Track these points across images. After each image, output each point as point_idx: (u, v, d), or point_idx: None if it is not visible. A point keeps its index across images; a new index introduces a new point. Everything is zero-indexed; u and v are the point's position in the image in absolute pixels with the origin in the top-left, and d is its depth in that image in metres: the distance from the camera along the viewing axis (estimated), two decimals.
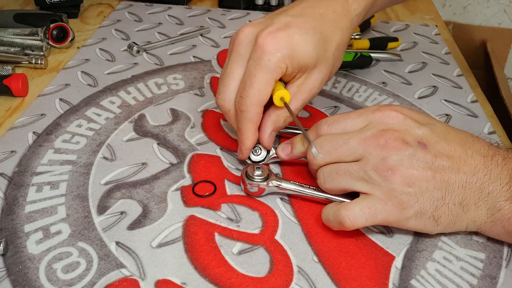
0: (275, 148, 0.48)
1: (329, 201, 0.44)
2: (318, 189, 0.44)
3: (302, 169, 0.50)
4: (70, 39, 0.70)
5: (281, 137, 0.54)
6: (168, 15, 0.82)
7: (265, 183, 0.45)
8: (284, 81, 0.46)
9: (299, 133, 0.52)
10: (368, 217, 0.40)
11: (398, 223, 0.40)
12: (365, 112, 0.43)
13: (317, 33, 0.44)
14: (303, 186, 0.45)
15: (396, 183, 0.39)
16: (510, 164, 0.40)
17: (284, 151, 0.47)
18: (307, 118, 0.58)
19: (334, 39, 0.46)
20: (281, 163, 0.50)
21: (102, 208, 0.44)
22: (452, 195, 0.39)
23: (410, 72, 0.68)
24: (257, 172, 0.45)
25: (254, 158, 0.48)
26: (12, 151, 0.50)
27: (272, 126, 0.46)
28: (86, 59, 0.68)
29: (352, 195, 0.42)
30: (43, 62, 0.65)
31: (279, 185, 0.45)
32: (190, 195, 0.46)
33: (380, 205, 0.40)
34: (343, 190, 0.42)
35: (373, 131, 0.41)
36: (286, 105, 0.44)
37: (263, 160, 0.48)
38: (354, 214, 0.40)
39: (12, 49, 0.67)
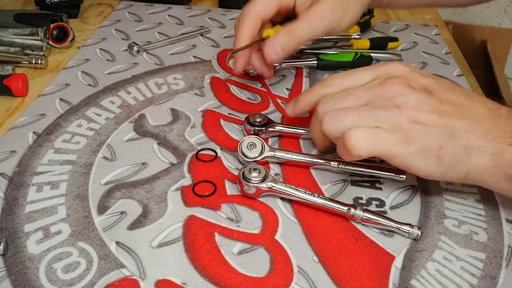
0: (270, 148, 0.49)
1: (328, 208, 0.44)
2: (317, 195, 0.44)
3: (302, 170, 0.50)
4: (70, 39, 0.70)
5: (281, 136, 0.54)
6: (168, 15, 0.82)
7: (262, 185, 0.45)
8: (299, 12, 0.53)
9: (300, 132, 0.53)
10: (371, 141, 0.40)
11: (402, 158, 0.40)
12: (372, 67, 0.45)
13: None
14: (299, 190, 0.45)
15: (403, 119, 0.40)
16: None
17: (289, 108, 0.50)
18: (308, 118, 0.58)
19: None
20: (281, 163, 0.50)
21: (102, 208, 0.44)
22: (457, 137, 0.40)
23: None
24: (254, 174, 0.45)
25: (249, 154, 0.49)
26: (12, 151, 0.50)
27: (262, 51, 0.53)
28: (86, 59, 0.68)
29: None
30: (43, 62, 0.65)
31: (277, 188, 0.45)
32: (190, 195, 0.46)
33: (386, 134, 0.40)
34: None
35: (379, 80, 0.43)
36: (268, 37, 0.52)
37: (258, 156, 0.49)
38: (359, 135, 0.40)
39: (12, 49, 0.67)
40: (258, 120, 0.53)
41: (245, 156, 0.49)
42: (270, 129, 0.53)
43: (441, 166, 0.40)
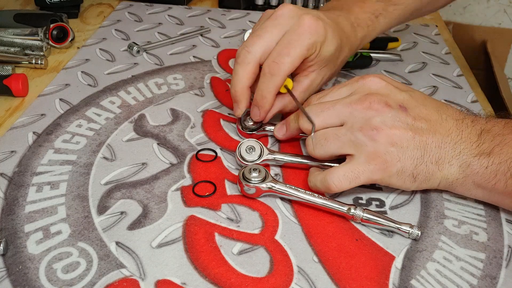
0: (269, 151, 0.49)
1: (328, 208, 0.44)
2: (317, 195, 0.44)
3: (302, 171, 0.50)
4: (70, 39, 0.70)
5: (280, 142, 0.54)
6: (168, 15, 0.82)
7: (262, 185, 0.45)
8: (297, 73, 0.52)
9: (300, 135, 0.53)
10: (352, 180, 0.43)
11: (382, 181, 0.44)
12: (350, 82, 0.47)
13: (339, 38, 0.51)
14: (299, 190, 0.45)
15: (381, 143, 0.42)
16: (477, 126, 0.44)
17: (280, 132, 0.52)
18: None
19: (344, 52, 0.54)
20: (281, 165, 0.50)
21: (102, 208, 0.44)
22: (429, 154, 0.43)
23: (410, 72, 0.68)
24: (254, 174, 0.45)
25: (247, 157, 0.48)
26: (12, 151, 0.50)
27: (280, 107, 0.52)
28: (86, 59, 0.68)
29: None
30: (43, 62, 0.65)
31: (277, 188, 0.45)
32: (190, 195, 0.46)
33: (362, 167, 0.43)
34: (331, 155, 0.45)
35: (358, 96, 0.45)
36: (289, 91, 0.49)
37: (256, 160, 0.49)
38: (338, 179, 0.43)
39: (12, 49, 0.67)
40: (250, 123, 0.53)
41: (244, 160, 0.48)
42: (266, 128, 0.53)
43: (415, 182, 0.44)
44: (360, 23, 0.56)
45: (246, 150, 0.49)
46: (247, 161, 0.48)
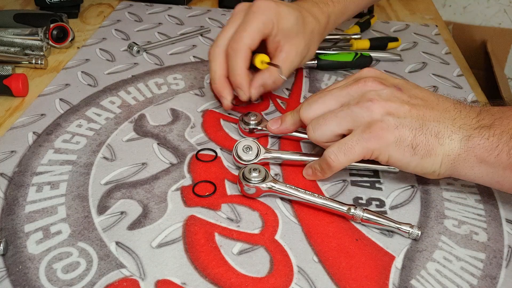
0: (266, 149, 0.49)
1: (328, 208, 0.44)
2: (317, 195, 0.44)
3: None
4: (70, 39, 0.70)
5: (281, 137, 0.54)
6: (168, 15, 0.82)
7: (262, 185, 0.45)
8: (271, 51, 0.54)
9: (300, 137, 0.53)
10: (346, 151, 0.44)
11: (380, 152, 0.43)
12: (346, 77, 0.50)
13: (297, 11, 0.54)
14: (298, 190, 0.45)
15: (376, 112, 0.43)
16: (476, 108, 0.45)
17: (274, 124, 0.52)
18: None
19: (310, 23, 0.56)
20: (281, 164, 0.50)
21: (102, 208, 0.44)
22: (428, 127, 0.43)
23: (410, 72, 0.68)
24: (254, 174, 0.45)
25: (244, 157, 0.48)
26: (12, 151, 0.50)
27: (261, 81, 0.54)
28: (86, 59, 0.68)
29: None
30: (43, 62, 0.65)
31: (277, 188, 0.45)
32: (190, 195, 0.46)
33: (356, 137, 0.43)
34: (331, 135, 0.46)
35: (353, 79, 0.47)
36: (269, 63, 0.52)
37: (253, 160, 0.48)
38: (333, 152, 0.44)
39: (12, 49, 0.67)
40: (252, 119, 0.53)
41: (241, 159, 0.48)
42: (264, 128, 0.53)
43: (416, 155, 0.43)
44: (321, 0, 0.60)
45: (243, 149, 0.49)
46: (244, 160, 0.48)
